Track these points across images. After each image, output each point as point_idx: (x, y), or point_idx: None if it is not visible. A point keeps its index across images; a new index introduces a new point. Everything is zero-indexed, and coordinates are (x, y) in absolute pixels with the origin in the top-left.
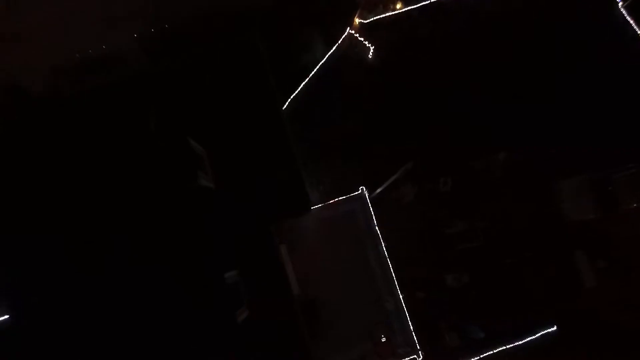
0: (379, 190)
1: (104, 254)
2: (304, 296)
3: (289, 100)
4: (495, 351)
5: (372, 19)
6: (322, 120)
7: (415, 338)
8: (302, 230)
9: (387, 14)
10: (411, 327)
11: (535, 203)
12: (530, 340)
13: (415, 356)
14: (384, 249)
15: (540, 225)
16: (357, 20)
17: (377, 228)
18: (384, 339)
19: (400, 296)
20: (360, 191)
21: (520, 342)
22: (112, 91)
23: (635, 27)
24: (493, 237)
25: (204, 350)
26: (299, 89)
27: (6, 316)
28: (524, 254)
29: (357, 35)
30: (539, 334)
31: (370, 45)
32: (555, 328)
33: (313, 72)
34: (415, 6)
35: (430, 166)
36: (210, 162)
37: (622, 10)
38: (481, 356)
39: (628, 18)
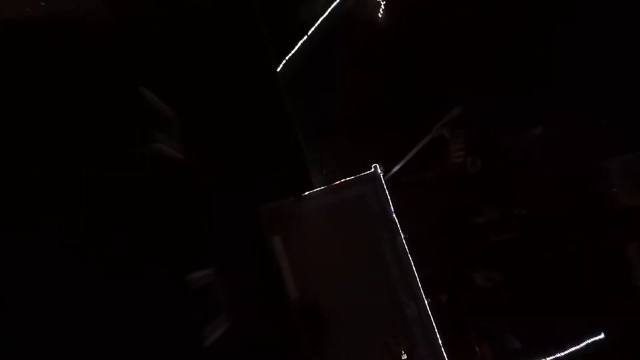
0: (395, 168)
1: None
2: (303, 300)
3: (285, 61)
4: None
5: None
6: (323, 87)
7: (443, 352)
8: (301, 219)
9: None
10: (439, 339)
11: (579, 187)
12: (574, 350)
13: None
14: (403, 241)
15: (586, 213)
16: None
17: (394, 216)
18: (404, 357)
19: (425, 300)
20: (372, 169)
21: (562, 353)
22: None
23: None
24: (530, 227)
25: None
26: (296, 48)
27: None
28: (566, 248)
29: None
30: (585, 343)
31: (380, 0)
32: (603, 336)
33: (312, 29)
34: None
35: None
36: (185, 129)
37: None
38: None
39: None
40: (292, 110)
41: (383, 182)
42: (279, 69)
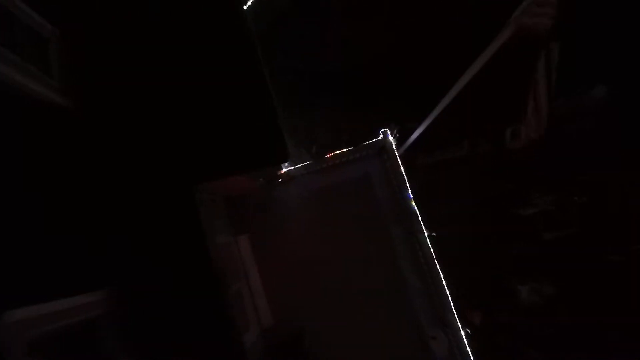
0: (414, 136)
1: None
2: (280, 332)
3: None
4: None
5: None
6: (310, 38)
7: None
8: (276, 211)
9: None
10: None
11: None
12: None
13: None
14: (428, 241)
15: None
16: None
17: (413, 203)
18: None
19: (461, 330)
20: (381, 136)
21: None
22: None
23: None
24: (593, 221)
25: None
26: None
27: None
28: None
29: None
30: None
31: None
32: None
33: None
34: None
35: (487, 110)
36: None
37: None
38: None
39: None
40: (266, 65)
41: (397, 154)
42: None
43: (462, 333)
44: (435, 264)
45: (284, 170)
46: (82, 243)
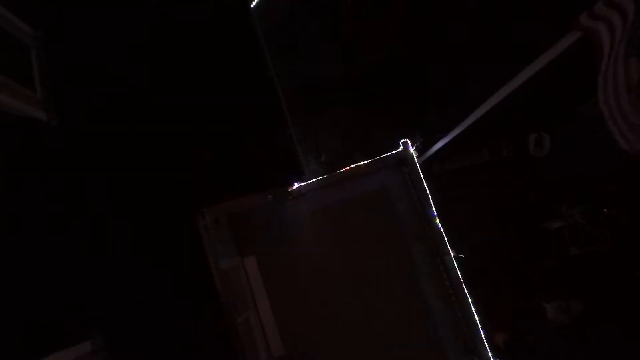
0: (437, 146)
1: None
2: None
3: None
4: None
5: None
6: (320, 41)
7: None
8: (286, 230)
9: None
10: None
11: None
12: None
13: None
14: (455, 264)
15: None
16: None
17: (438, 222)
18: None
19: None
20: (401, 148)
21: None
22: None
23: None
24: (627, 236)
25: None
26: None
27: None
28: None
29: None
30: None
31: None
32: None
33: None
34: None
35: (509, 114)
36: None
37: None
38: None
39: None
40: (276, 70)
41: (418, 166)
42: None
43: None
44: (463, 288)
45: (295, 187)
46: (62, 281)
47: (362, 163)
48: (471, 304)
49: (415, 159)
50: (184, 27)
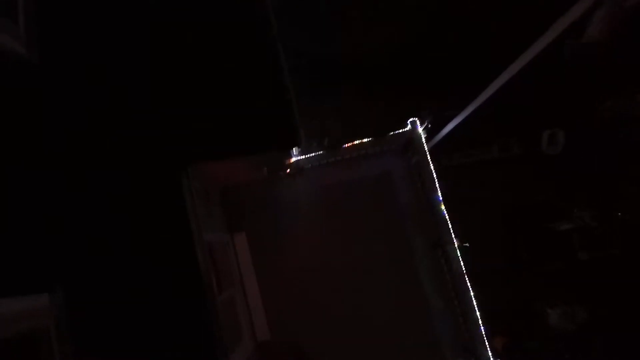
0: (444, 132)
1: None
2: (279, 347)
3: None
4: None
5: None
6: (326, 20)
7: None
8: (282, 208)
9: None
10: None
11: None
12: None
13: None
14: (458, 253)
15: None
16: None
17: (443, 208)
18: None
19: None
20: (408, 127)
21: None
22: None
23: None
24: (636, 241)
25: None
26: None
27: None
28: None
29: None
30: None
31: None
32: None
33: None
34: None
35: (522, 110)
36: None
37: None
38: None
39: None
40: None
41: (426, 148)
42: None
43: None
44: (466, 281)
45: (292, 160)
46: (28, 228)
47: (365, 141)
48: (473, 298)
49: (424, 139)
50: None
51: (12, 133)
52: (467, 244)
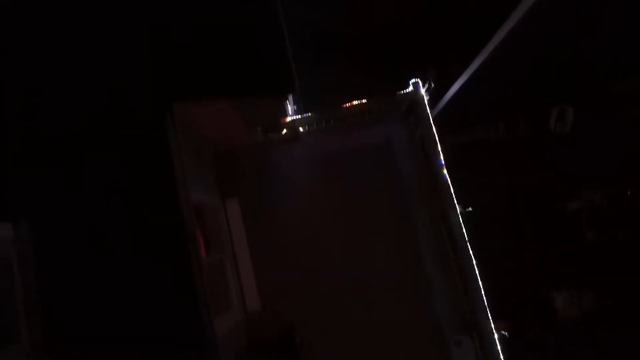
0: (450, 94)
1: None
2: (270, 320)
3: None
4: None
5: None
6: None
7: None
8: (277, 175)
9: None
10: None
11: None
12: None
13: None
14: (461, 221)
15: None
16: None
17: (445, 174)
18: None
19: (495, 334)
20: (411, 88)
21: None
22: None
23: None
24: None
25: None
26: None
27: None
28: None
29: None
30: None
31: None
32: None
33: None
34: None
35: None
36: None
37: None
38: None
39: None
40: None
41: (429, 114)
42: None
43: (496, 340)
44: (468, 249)
45: (288, 119)
46: None
47: (366, 101)
48: (475, 267)
49: (426, 101)
50: None
51: None
52: (470, 209)
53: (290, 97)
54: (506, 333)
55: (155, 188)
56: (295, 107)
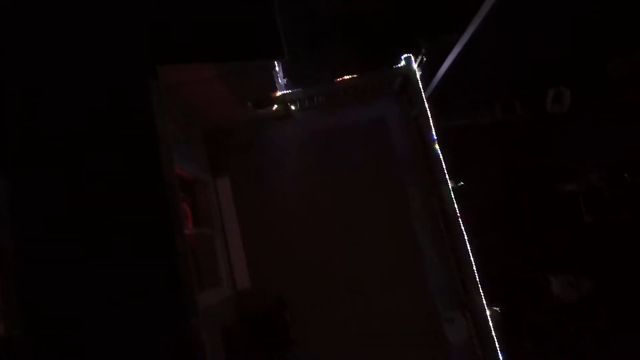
0: (444, 68)
1: None
2: (260, 297)
3: None
4: None
5: None
6: None
7: None
8: (268, 153)
9: None
10: None
11: None
12: None
13: None
14: (452, 197)
15: None
16: None
17: (437, 149)
18: None
19: (487, 311)
20: (402, 63)
21: None
22: None
23: None
24: None
25: None
26: None
27: None
28: None
29: None
30: None
31: None
32: None
33: None
34: None
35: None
36: None
37: None
38: None
39: None
40: None
41: (422, 93)
42: None
43: (489, 318)
44: (459, 223)
45: (278, 93)
46: None
47: (356, 75)
48: (467, 242)
49: (418, 76)
50: None
51: None
52: (463, 183)
53: (280, 72)
54: (498, 309)
55: (138, 151)
56: (285, 82)
